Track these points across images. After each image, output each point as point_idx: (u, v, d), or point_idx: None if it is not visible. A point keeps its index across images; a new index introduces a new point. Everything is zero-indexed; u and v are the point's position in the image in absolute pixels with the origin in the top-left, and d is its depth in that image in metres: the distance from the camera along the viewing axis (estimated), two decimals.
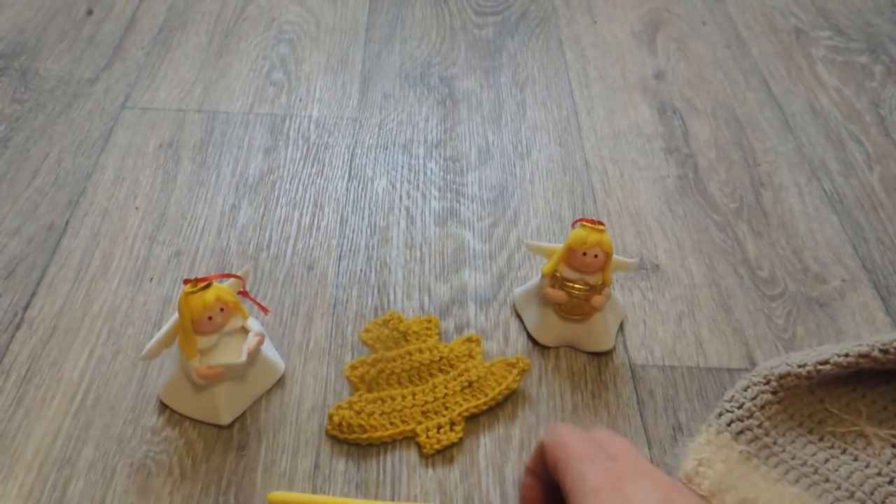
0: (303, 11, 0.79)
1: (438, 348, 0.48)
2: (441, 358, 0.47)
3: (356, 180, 0.61)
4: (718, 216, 0.59)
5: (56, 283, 0.52)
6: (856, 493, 0.41)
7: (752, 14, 0.82)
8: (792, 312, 0.52)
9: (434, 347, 0.48)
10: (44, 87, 0.68)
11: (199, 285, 0.41)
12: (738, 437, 0.42)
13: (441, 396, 0.45)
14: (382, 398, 0.45)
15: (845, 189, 0.62)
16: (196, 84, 0.69)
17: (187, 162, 0.62)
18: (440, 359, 0.47)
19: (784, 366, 0.44)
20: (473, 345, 0.48)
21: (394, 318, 0.50)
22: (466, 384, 0.46)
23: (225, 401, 0.44)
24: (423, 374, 0.47)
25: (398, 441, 0.44)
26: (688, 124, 0.67)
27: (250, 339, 0.43)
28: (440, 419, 0.44)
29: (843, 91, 0.72)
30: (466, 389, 0.46)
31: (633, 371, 0.48)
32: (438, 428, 0.44)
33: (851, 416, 0.45)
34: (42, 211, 0.57)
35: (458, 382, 0.46)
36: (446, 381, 0.46)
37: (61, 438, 0.43)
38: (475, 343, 0.48)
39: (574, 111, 0.68)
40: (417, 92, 0.70)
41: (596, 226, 0.45)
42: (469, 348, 0.48)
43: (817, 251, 0.57)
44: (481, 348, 0.48)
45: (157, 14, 0.77)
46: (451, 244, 0.56)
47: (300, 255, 0.55)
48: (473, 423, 0.45)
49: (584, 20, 0.80)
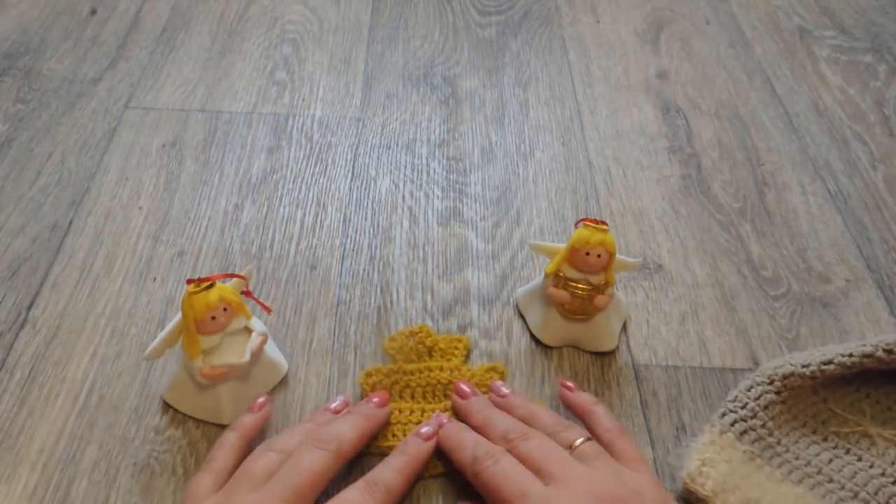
0: (306, 11, 0.79)
1: (460, 370, 0.46)
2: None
3: (359, 180, 0.61)
4: (722, 216, 0.59)
5: (60, 283, 0.52)
6: (860, 493, 0.41)
7: (755, 13, 0.82)
8: (796, 312, 0.52)
9: (456, 369, 0.46)
10: (47, 86, 0.68)
11: (202, 285, 0.41)
12: (742, 438, 0.42)
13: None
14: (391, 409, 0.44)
15: (849, 188, 0.62)
16: (199, 84, 0.69)
17: (191, 161, 0.62)
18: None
19: (788, 366, 0.44)
20: (497, 376, 0.47)
21: (422, 332, 0.48)
22: None
23: (228, 401, 0.44)
24: (437, 393, 0.45)
25: None
26: (691, 124, 0.67)
27: (253, 338, 0.43)
28: None
29: (847, 90, 0.72)
30: None
31: (637, 371, 0.48)
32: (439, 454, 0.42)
33: (855, 416, 0.45)
34: (46, 211, 0.57)
35: None
36: None
37: (65, 438, 0.44)
38: (499, 375, 0.47)
39: (577, 111, 0.68)
40: (420, 91, 0.70)
41: (599, 225, 0.45)
42: (491, 379, 0.46)
43: (821, 251, 0.57)
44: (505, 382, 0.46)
45: (160, 14, 0.78)
46: (454, 244, 0.56)
47: (303, 255, 0.55)
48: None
49: (587, 20, 0.80)
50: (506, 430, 0.40)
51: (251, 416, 0.42)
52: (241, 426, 0.41)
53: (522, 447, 0.39)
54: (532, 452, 0.38)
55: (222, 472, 0.38)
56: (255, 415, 0.42)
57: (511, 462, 0.38)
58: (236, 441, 0.40)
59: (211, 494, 0.37)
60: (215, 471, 0.38)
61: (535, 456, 0.38)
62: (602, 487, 0.36)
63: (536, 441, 0.39)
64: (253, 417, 0.42)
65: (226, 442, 0.40)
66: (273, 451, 0.38)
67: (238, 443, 0.40)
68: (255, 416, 0.42)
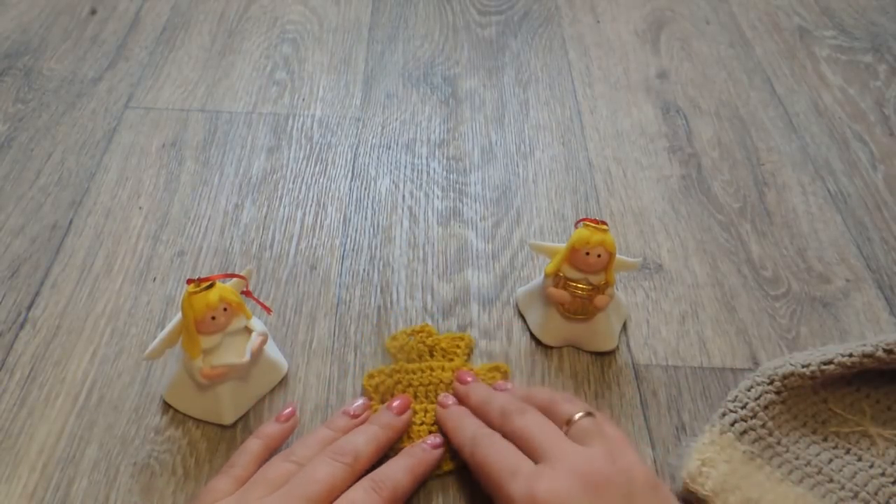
0: (306, 11, 0.79)
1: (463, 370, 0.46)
2: None
3: (359, 180, 0.61)
4: (722, 216, 0.59)
5: (60, 283, 0.52)
6: (860, 493, 0.41)
7: (755, 13, 0.82)
8: (796, 312, 0.52)
9: (458, 369, 0.46)
10: (47, 86, 0.68)
11: (202, 285, 0.41)
12: (742, 437, 0.42)
13: None
14: None
15: (849, 188, 0.62)
16: (199, 84, 0.69)
17: (191, 161, 0.62)
18: None
19: (788, 366, 0.44)
20: (500, 376, 0.47)
21: (424, 331, 0.49)
22: None
23: (228, 401, 0.44)
24: (440, 392, 0.45)
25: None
26: (691, 124, 0.67)
27: (253, 338, 0.43)
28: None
29: (847, 90, 0.72)
30: None
31: (637, 371, 0.48)
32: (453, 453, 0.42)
33: (855, 416, 0.45)
34: (46, 210, 0.57)
35: None
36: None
37: (65, 438, 0.44)
38: (502, 374, 0.47)
39: (577, 111, 0.68)
40: (420, 91, 0.70)
41: (599, 225, 0.45)
42: (494, 378, 0.46)
43: (821, 251, 0.57)
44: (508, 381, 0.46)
45: (160, 14, 0.78)
46: (454, 244, 0.56)
47: (303, 255, 0.55)
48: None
49: (587, 19, 0.80)
50: (501, 406, 0.40)
51: (277, 427, 0.42)
52: (266, 435, 0.41)
53: (517, 422, 0.39)
54: (525, 429, 0.38)
55: (241, 479, 0.38)
56: (282, 426, 0.42)
57: (503, 442, 0.38)
58: (259, 449, 0.40)
59: (226, 496, 0.37)
60: (234, 476, 0.38)
61: (528, 433, 0.38)
62: (591, 467, 0.35)
63: (530, 416, 0.39)
64: (279, 428, 0.42)
65: (248, 449, 0.40)
66: (290, 462, 0.38)
67: (260, 451, 0.40)
68: (280, 426, 0.42)
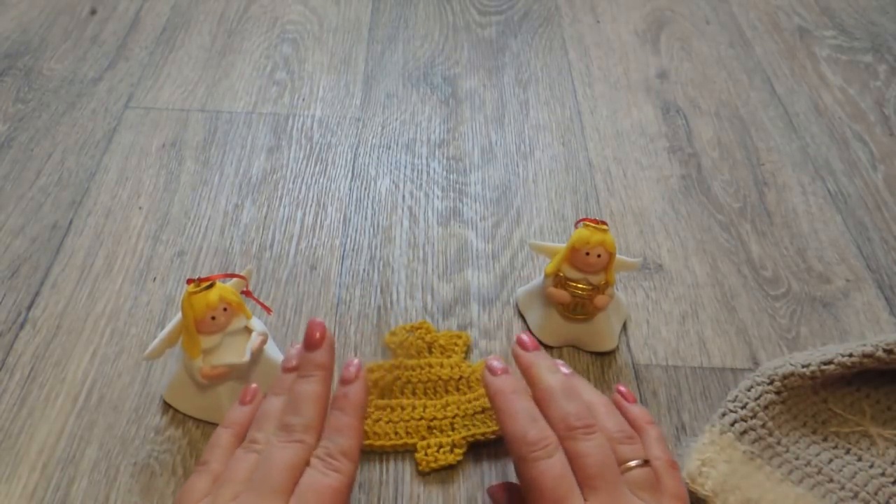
0: (306, 11, 0.79)
1: (461, 367, 0.46)
2: (461, 377, 0.46)
3: (359, 180, 0.61)
4: (722, 216, 0.59)
5: (60, 283, 0.52)
6: (860, 493, 0.41)
7: (755, 13, 0.82)
8: (796, 312, 0.52)
9: (456, 365, 0.46)
10: (47, 86, 0.68)
11: (202, 285, 0.41)
12: (742, 438, 0.42)
13: (451, 416, 0.44)
14: (392, 406, 0.45)
15: (849, 188, 0.62)
16: (199, 83, 0.69)
17: (191, 161, 0.62)
18: (459, 378, 0.46)
19: (788, 366, 0.44)
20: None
21: (423, 328, 0.49)
22: (480, 409, 0.44)
23: (228, 401, 0.44)
24: (438, 389, 0.46)
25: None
26: (691, 124, 0.67)
27: (254, 338, 0.43)
28: (443, 438, 0.43)
29: (847, 90, 0.72)
30: (479, 415, 0.44)
31: (637, 371, 0.48)
32: (439, 447, 0.43)
33: (855, 416, 0.45)
34: (46, 210, 0.57)
35: (471, 406, 0.44)
36: (459, 402, 0.45)
37: (65, 438, 0.44)
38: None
39: (577, 111, 0.68)
40: (420, 91, 0.70)
41: (599, 225, 0.45)
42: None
43: (821, 251, 0.57)
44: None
45: (160, 14, 0.78)
46: (454, 244, 0.56)
47: (303, 255, 0.55)
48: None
49: (587, 19, 0.80)
50: (566, 414, 0.37)
51: (242, 411, 0.40)
52: (233, 422, 0.39)
53: (581, 445, 0.36)
54: (588, 457, 0.35)
55: (217, 473, 0.37)
56: (247, 408, 0.40)
57: (561, 462, 0.35)
58: (229, 440, 0.39)
59: (204, 496, 0.36)
60: (211, 472, 0.37)
61: (589, 462, 0.35)
62: None
63: (596, 443, 0.36)
64: (244, 412, 0.40)
65: (219, 442, 0.38)
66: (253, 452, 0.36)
67: (231, 441, 0.38)
68: (246, 409, 0.40)
